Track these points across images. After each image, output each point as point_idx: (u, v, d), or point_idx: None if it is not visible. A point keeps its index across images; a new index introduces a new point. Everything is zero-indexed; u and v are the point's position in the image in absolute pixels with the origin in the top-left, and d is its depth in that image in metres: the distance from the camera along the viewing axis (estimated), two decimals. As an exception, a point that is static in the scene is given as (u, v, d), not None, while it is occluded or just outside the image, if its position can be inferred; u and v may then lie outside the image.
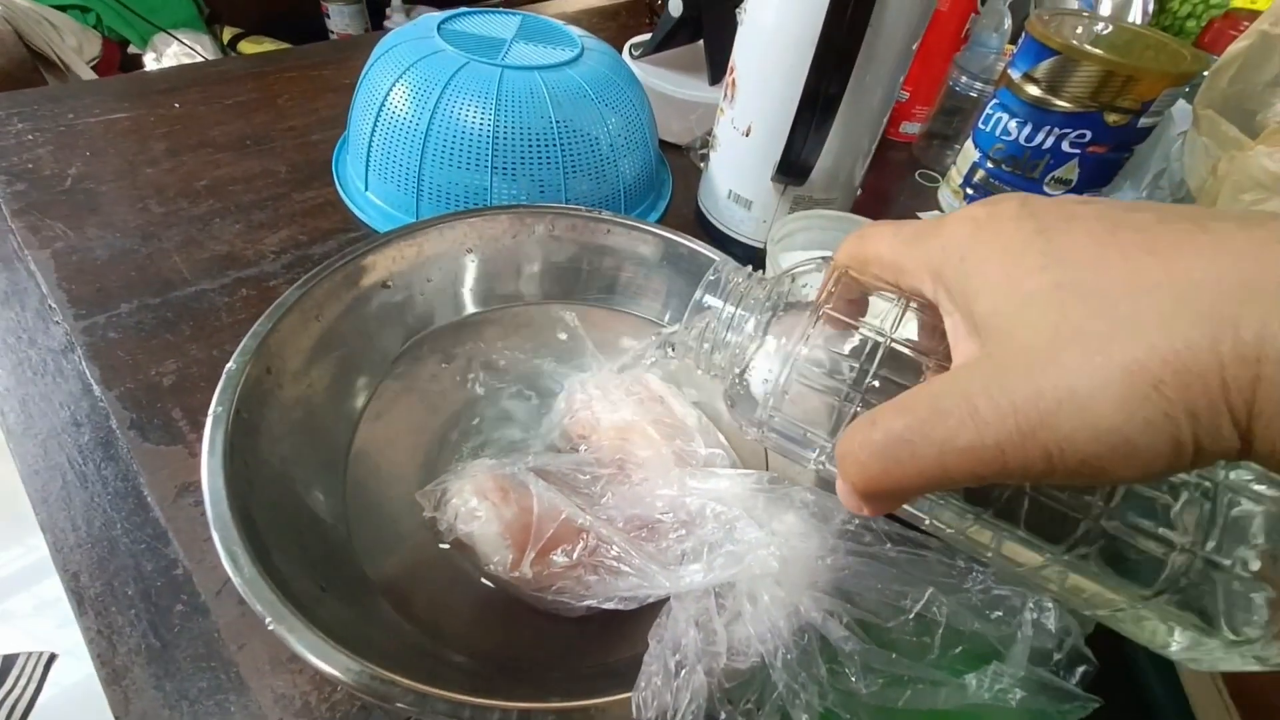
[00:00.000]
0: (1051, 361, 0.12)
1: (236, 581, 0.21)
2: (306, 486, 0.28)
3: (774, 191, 0.44)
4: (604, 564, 0.26)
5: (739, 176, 0.45)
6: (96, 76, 1.15)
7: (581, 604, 0.26)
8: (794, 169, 0.41)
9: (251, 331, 0.28)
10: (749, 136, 0.42)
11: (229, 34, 1.35)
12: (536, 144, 0.42)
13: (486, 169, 0.42)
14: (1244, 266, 0.11)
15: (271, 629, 0.20)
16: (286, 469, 0.27)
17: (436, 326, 0.37)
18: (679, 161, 0.57)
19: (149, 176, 0.48)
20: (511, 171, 0.42)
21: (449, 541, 0.28)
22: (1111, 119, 0.44)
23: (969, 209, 0.15)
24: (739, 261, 0.35)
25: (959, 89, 0.59)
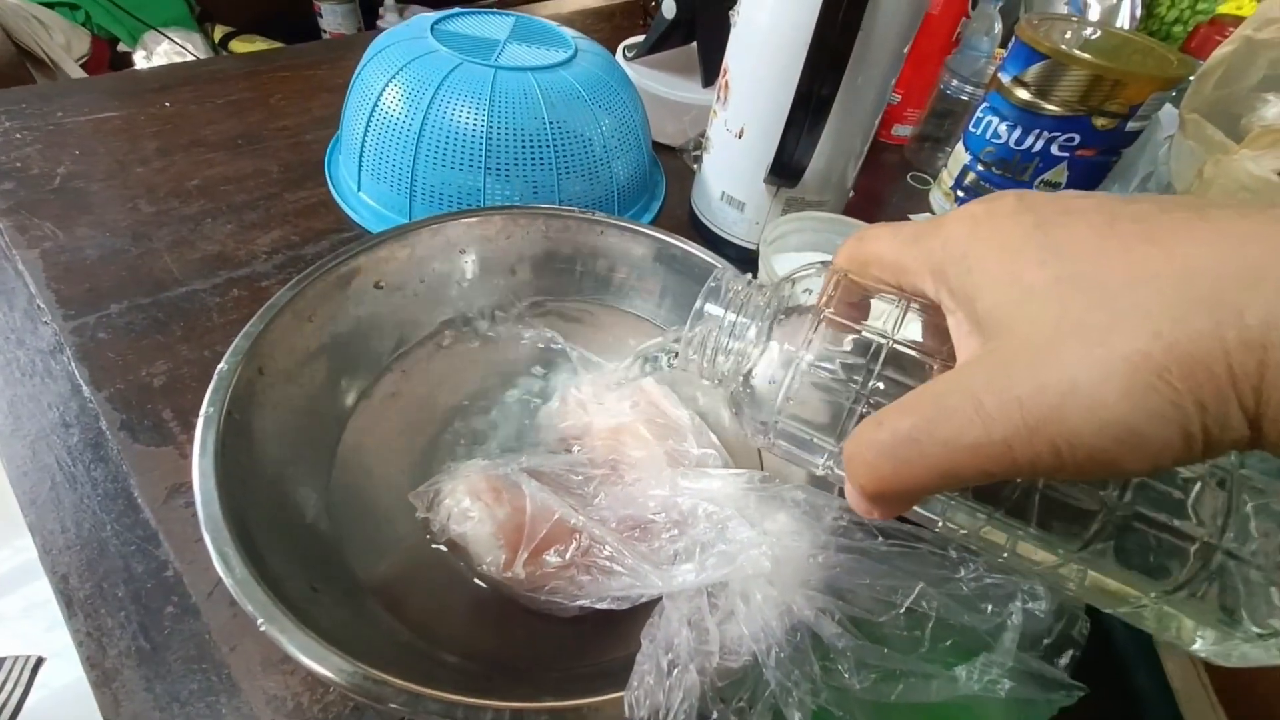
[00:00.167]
0: (1053, 355, 0.12)
1: (228, 582, 0.21)
2: (298, 487, 0.28)
3: (767, 193, 0.44)
4: (597, 564, 0.26)
5: (732, 178, 0.45)
6: (86, 75, 1.14)
7: (574, 604, 0.26)
8: (787, 171, 0.41)
9: (243, 332, 0.28)
10: (742, 138, 0.42)
11: (220, 32, 1.35)
12: (530, 145, 0.42)
13: (480, 170, 0.42)
14: (1246, 252, 0.11)
15: (263, 630, 0.20)
16: (278, 470, 0.27)
17: (429, 328, 0.37)
18: (672, 163, 0.57)
19: (139, 176, 0.47)
20: (505, 172, 0.42)
21: (442, 542, 0.28)
22: (1100, 123, 0.45)
23: (967, 207, 0.15)
24: (731, 263, 0.35)
25: (950, 92, 0.60)
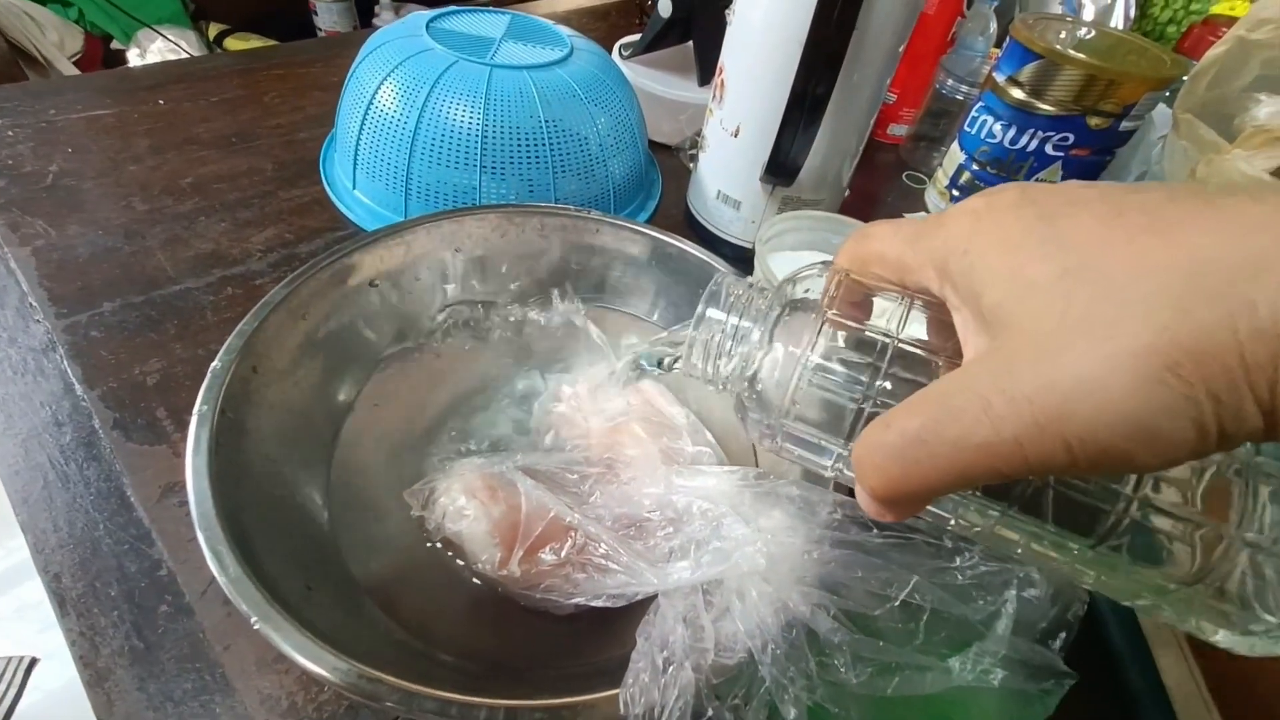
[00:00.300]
0: (1060, 350, 0.12)
1: (222, 581, 0.21)
2: (293, 486, 0.28)
3: (762, 192, 0.44)
4: (592, 562, 0.26)
5: (728, 177, 0.45)
6: (79, 72, 1.13)
7: (570, 602, 0.26)
8: (782, 169, 0.41)
9: (237, 330, 0.28)
10: (738, 137, 0.42)
11: (214, 30, 1.34)
12: (525, 143, 0.42)
13: (475, 168, 0.41)
14: (1255, 241, 0.11)
15: (257, 629, 0.20)
16: (272, 468, 0.27)
17: (424, 326, 0.37)
18: (668, 162, 0.57)
19: (132, 174, 0.47)
20: (500, 171, 0.42)
21: (437, 540, 0.28)
22: (1094, 122, 0.45)
23: (968, 201, 0.15)
24: (727, 261, 0.35)
25: (945, 91, 0.60)
